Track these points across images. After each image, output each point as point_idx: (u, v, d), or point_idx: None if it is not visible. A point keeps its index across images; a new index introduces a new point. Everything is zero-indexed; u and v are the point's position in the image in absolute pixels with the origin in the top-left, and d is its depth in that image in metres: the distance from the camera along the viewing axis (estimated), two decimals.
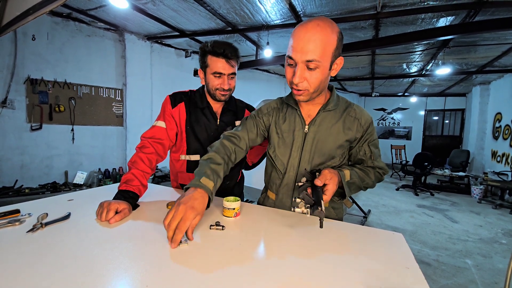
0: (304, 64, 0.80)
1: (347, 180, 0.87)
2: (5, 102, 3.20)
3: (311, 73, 0.81)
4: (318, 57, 0.78)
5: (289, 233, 0.79)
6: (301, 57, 0.79)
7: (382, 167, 0.99)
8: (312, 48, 0.77)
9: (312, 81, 0.82)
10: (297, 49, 0.78)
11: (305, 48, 0.77)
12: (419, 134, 8.78)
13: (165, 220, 0.69)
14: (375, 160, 0.98)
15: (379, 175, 1.00)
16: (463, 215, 4.08)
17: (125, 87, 4.21)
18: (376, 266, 0.63)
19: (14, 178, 3.31)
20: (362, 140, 0.97)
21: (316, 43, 0.77)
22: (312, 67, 0.80)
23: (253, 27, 3.67)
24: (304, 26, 0.78)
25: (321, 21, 0.78)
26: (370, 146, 0.98)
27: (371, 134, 0.98)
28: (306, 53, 0.78)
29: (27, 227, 0.74)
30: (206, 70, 1.17)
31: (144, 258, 0.61)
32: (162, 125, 1.19)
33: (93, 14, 3.50)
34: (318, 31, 0.77)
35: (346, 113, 0.97)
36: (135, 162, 1.06)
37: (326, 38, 0.77)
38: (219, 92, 1.19)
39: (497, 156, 5.57)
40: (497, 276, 2.33)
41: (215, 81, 1.17)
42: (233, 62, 1.16)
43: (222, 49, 1.11)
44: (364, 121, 0.97)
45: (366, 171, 0.97)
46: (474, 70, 5.18)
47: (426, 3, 2.73)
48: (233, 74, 1.19)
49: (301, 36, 0.78)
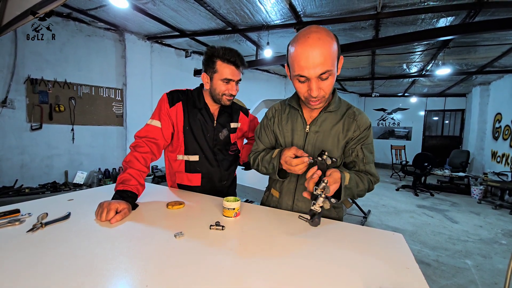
0: (317, 77, 0.82)
1: (345, 184, 0.85)
2: (5, 101, 3.20)
3: (325, 82, 0.84)
4: (329, 67, 0.81)
5: (289, 233, 0.79)
6: (314, 74, 0.81)
7: (373, 173, 0.98)
8: (322, 61, 0.79)
9: (326, 88, 0.86)
10: (308, 67, 0.80)
11: (315, 64, 0.79)
12: (419, 135, 8.78)
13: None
14: (367, 164, 0.97)
15: (370, 183, 0.97)
16: (463, 216, 4.08)
17: (125, 87, 4.22)
18: (376, 266, 0.63)
19: (14, 177, 3.31)
20: (357, 142, 0.97)
21: (324, 56, 0.79)
22: (325, 77, 0.83)
23: (253, 27, 3.67)
24: (305, 43, 0.79)
25: (319, 33, 0.79)
26: (364, 149, 0.97)
27: (367, 137, 0.98)
28: (317, 68, 0.80)
29: (27, 226, 0.74)
30: (214, 75, 1.17)
31: (144, 258, 0.61)
32: (157, 124, 1.19)
33: (93, 14, 3.51)
34: (321, 44, 0.78)
35: (346, 115, 0.98)
36: (130, 161, 1.06)
37: (329, 47, 0.79)
38: (226, 97, 1.20)
39: (497, 156, 5.57)
40: (497, 277, 2.33)
41: (223, 87, 1.18)
42: (241, 69, 1.20)
43: (234, 58, 1.14)
44: (362, 123, 0.97)
45: (361, 176, 0.94)
46: (474, 70, 5.18)
47: (426, 3, 2.73)
48: (239, 80, 1.22)
49: (307, 53, 0.79)
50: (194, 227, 0.80)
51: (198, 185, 1.27)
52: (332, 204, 0.76)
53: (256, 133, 1.15)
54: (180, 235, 0.73)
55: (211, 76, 1.18)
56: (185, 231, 0.76)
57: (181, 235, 0.73)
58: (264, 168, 1.01)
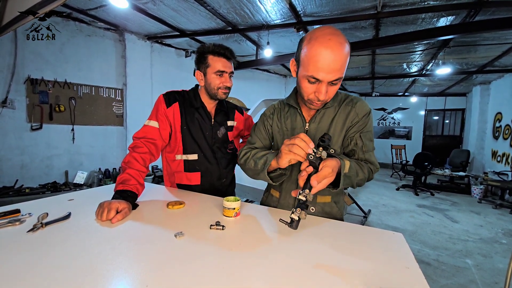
0: (329, 82, 0.81)
1: (345, 172, 0.83)
2: (5, 102, 3.20)
3: (333, 87, 0.84)
4: (342, 74, 0.80)
5: (289, 233, 0.79)
6: (328, 78, 0.79)
7: (373, 162, 0.96)
8: (339, 68, 0.77)
9: (332, 93, 0.86)
10: (324, 71, 0.77)
11: (332, 69, 0.77)
12: (419, 134, 8.77)
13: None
14: (366, 153, 0.96)
15: (370, 171, 0.96)
16: (463, 215, 4.08)
17: (125, 87, 4.22)
18: (376, 265, 0.63)
19: (14, 178, 3.31)
20: (356, 130, 0.96)
21: (341, 62, 0.77)
22: (335, 83, 0.82)
23: (253, 27, 3.67)
24: (329, 46, 0.75)
25: (340, 37, 0.76)
26: (362, 137, 0.95)
27: (365, 125, 0.96)
28: (334, 73, 0.78)
29: (28, 226, 0.74)
30: (207, 70, 1.21)
31: (144, 258, 0.61)
32: (154, 125, 1.20)
33: (93, 14, 3.50)
34: (342, 50, 0.76)
35: (344, 104, 0.98)
36: (129, 162, 1.06)
37: (347, 55, 0.78)
38: (221, 90, 1.23)
39: (497, 156, 5.57)
40: (497, 276, 2.33)
41: (217, 80, 1.21)
42: (231, 61, 1.24)
43: (223, 50, 1.20)
44: (360, 110, 0.96)
45: (360, 165, 0.92)
46: (474, 70, 5.18)
47: (426, 2, 2.73)
48: (232, 72, 1.25)
49: (327, 56, 0.76)
50: (194, 227, 0.80)
51: (197, 184, 1.28)
52: (306, 214, 0.70)
53: (253, 129, 1.14)
54: (180, 235, 0.73)
55: (205, 72, 1.22)
56: (186, 231, 0.76)
57: (182, 235, 0.73)
58: (253, 162, 0.95)
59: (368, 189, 5.61)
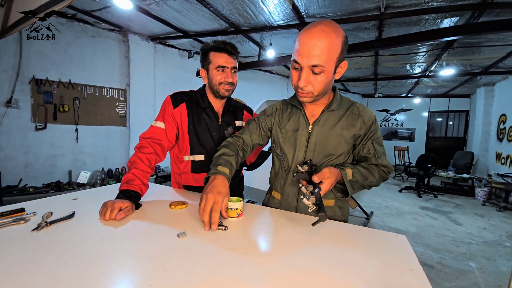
0: (309, 68, 0.81)
1: (350, 178, 0.86)
2: (10, 102, 3.23)
3: (316, 77, 0.83)
4: (323, 62, 0.80)
5: (292, 233, 0.79)
6: (306, 62, 0.80)
7: (386, 165, 0.98)
8: (318, 54, 0.78)
9: (317, 85, 0.85)
10: (303, 54, 0.80)
11: (310, 53, 0.79)
12: (423, 136, 8.72)
13: (200, 209, 0.79)
14: (379, 158, 0.98)
15: (383, 173, 0.99)
16: (467, 218, 4.04)
17: (128, 87, 4.24)
18: (379, 268, 0.63)
19: (18, 177, 3.35)
20: (366, 138, 0.98)
21: (321, 48, 0.78)
22: (317, 72, 0.82)
23: (256, 28, 3.68)
24: (309, 31, 0.79)
25: (326, 26, 0.79)
26: (374, 143, 0.97)
27: (375, 132, 0.98)
28: (312, 58, 0.79)
29: (32, 225, 0.75)
30: (209, 66, 1.20)
31: (147, 257, 0.61)
32: (161, 126, 1.19)
33: (98, 15, 3.54)
34: (323, 36, 0.78)
35: (349, 111, 0.98)
36: (135, 162, 1.07)
37: (331, 43, 0.79)
38: (223, 86, 1.20)
39: (502, 158, 5.52)
40: (501, 279, 2.31)
41: (218, 76, 1.19)
42: (234, 57, 1.22)
43: (224, 45, 1.18)
44: (368, 119, 0.97)
45: (370, 169, 0.96)
46: (479, 71, 5.14)
47: (430, 3, 2.72)
48: (235, 68, 1.23)
49: (306, 41, 0.79)
50: (197, 227, 0.81)
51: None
52: (322, 216, 0.74)
53: (247, 122, 1.14)
54: (183, 235, 0.73)
55: (207, 68, 1.21)
56: (188, 231, 0.76)
57: (184, 235, 0.73)
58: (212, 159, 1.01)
59: (370, 191, 5.58)
